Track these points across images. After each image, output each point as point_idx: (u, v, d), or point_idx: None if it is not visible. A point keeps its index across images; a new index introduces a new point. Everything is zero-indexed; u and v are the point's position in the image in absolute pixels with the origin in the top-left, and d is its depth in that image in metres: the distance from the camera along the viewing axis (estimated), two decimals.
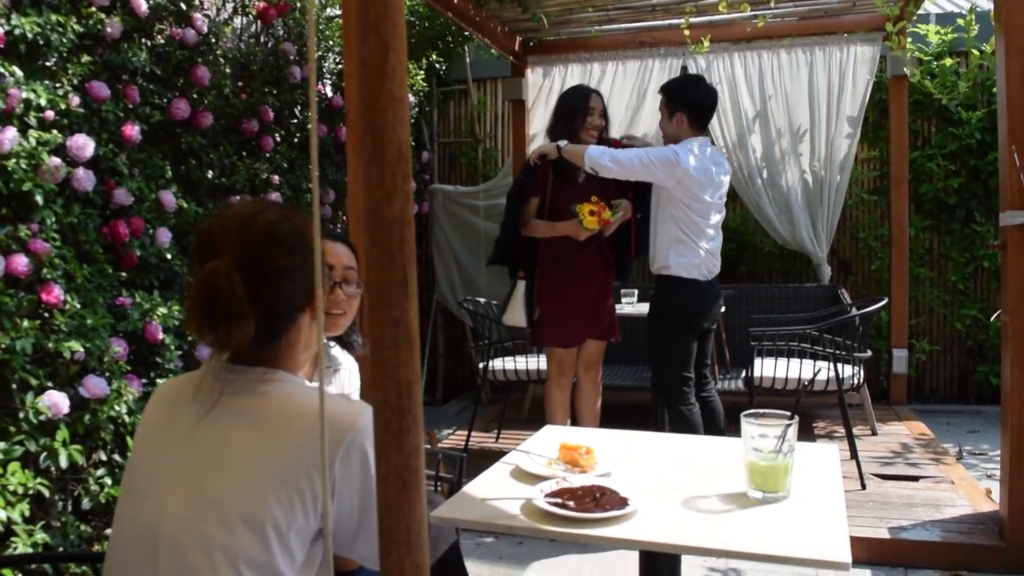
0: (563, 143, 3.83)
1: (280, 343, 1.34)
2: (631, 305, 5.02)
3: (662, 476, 1.83)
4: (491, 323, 4.85)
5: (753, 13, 5.22)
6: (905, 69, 5.16)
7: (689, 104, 3.74)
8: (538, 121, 6.32)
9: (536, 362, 4.76)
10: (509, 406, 5.27)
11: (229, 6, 4.57)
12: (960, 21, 5.53)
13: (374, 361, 0.97)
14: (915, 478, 4.15)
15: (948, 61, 6.01)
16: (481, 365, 4.82)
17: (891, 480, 4.13)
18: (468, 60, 6.85)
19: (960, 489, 3.96)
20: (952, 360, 6.39)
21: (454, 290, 6.62)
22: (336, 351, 2.14)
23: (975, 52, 5.39)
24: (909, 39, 5.40)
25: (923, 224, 6.25)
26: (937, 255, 6.32)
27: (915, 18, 5.54)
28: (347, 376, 2.13)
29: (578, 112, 3.89)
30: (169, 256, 3.67)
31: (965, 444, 5.22)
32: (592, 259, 3.97)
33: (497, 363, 4.84)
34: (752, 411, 1.70)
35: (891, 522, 3.54)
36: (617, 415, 4.24)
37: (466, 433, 4.79)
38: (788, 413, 1.67)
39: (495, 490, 1.74)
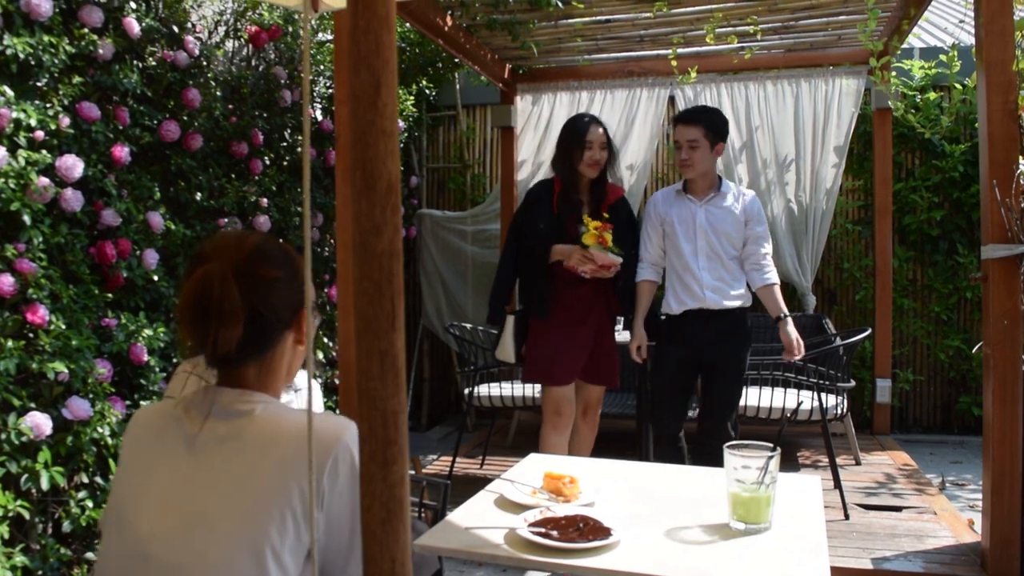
0: (786, 319, 3.69)
1: (263, 362, 1.37)
2: (618, 333, 5.03)
3: (645, 506, 1.84)
4: (477, 349, 4.86)
5: (740, 45, 5.29)
6: (889, 103, 5.23)
7: (725, 134, 3.75)
8: (526, 148, 6.37)
9: (522, 388, 4.76)
10: (494, 432, 5.26)
11: (221, 29, 4.61)
12: (943, 57, 5.62)
13: (360, 392, 0.98)
14: (898, 508, 4.17)
15: (932, 95, 6.10)
16: (467, 391, 4.82)
17: (874, 510, 4.14)
18: (458, 86, 6.91)
19: (943, 520, 3.98)
20: (935, 390, 6.43)
21: (440, 315, 6.62)
22: (297, 375, 2.14)
23: (958, 87, 5.48)
24: (893, 73, 5.48)
25: (907, 255, 6.31)
26: (921, 286, 6.37)
27: (899, 52, 5.63)
28: (305, 397, 2.13)
29: (575, 146, 3.73)
30: (156, 278, 3.67)
31: (948, 474, 5.24)
32: (589, 297, 3.80)
33: (483, 389, 4.84)
34: (735, 442, 1.71)
35: (874, 553, 3.55)
36: (601, 442, 4.23)
37: (451, 459, 4.78)
38: (770, 445, 1.68)
39: (479, 519, 1.74)
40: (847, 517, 3.97)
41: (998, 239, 3.33)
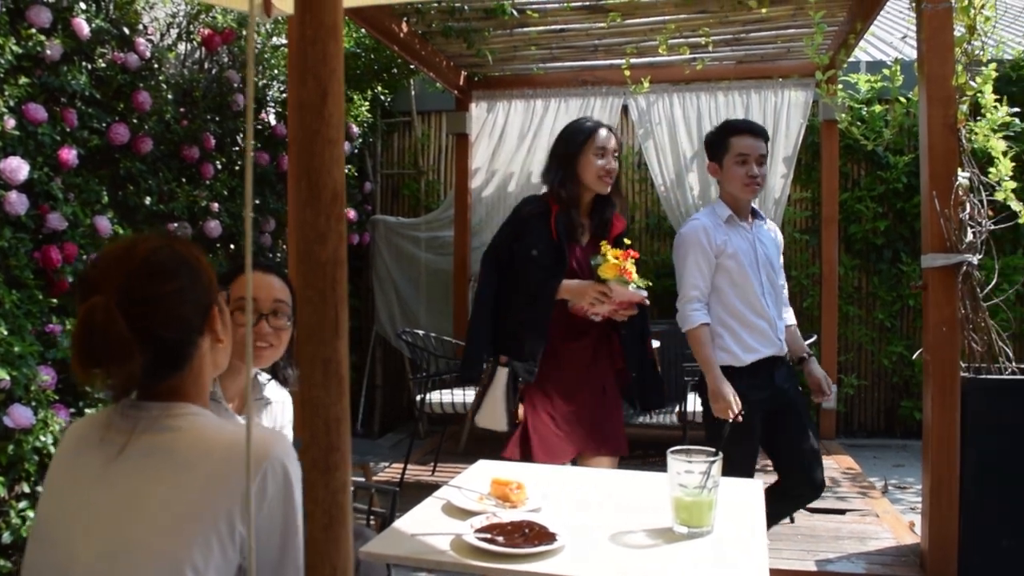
0: (811, 358, 3.27)
1: (185, 372, 1.30)
2: None
3: (591, 511, 1.86)
4: (429, 355, 4.86)
5: (692, 56, 5.37)
6: (835, 115, 5.35)
7: None
8: (481, 155, 6.39)
9: (474, 395, 4.76)
10: (446, 439, 5.27)
11: (173, 32, 4.56)
12: (885, 71, 5.77)
13: (303, 399, 0.99)
14: (842, 511, 4.26)
15: (877, 108, 6.25)
16: (418, 398, 4.81)
17: (819, 514, 4.22)
18: (413, 93, 6.90)
19: (885, 522, 4.07)
20: (879, 395, 6.58)
21: (393, 321, 6.60)
22: (268, 387, 2.11)
23: (902, 100, 5.62)
24: (840, 86, 5.61)
25: (852, 263, 6.45)
26: (865, 294, 6.52)
27: (845, 66, 5.75)
28: (279, 410, 2.11)
29: (582, 153, 3.01)
30: None
31: (891, 478, 5.36)
32: (592, 350, 3.07)
33: (435, 396, 4.84)
34: (678, 447, 1.75)
35: (818, 555, 3.62)
36: None
37: (402, 466, 4.77)
38: (713, 449, 1.72)
39: (426, 525, 1.75)
40: (792, 520, 4.04)
41: (937, 248, 3.43)
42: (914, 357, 6.00)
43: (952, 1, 3.50)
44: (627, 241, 2.97)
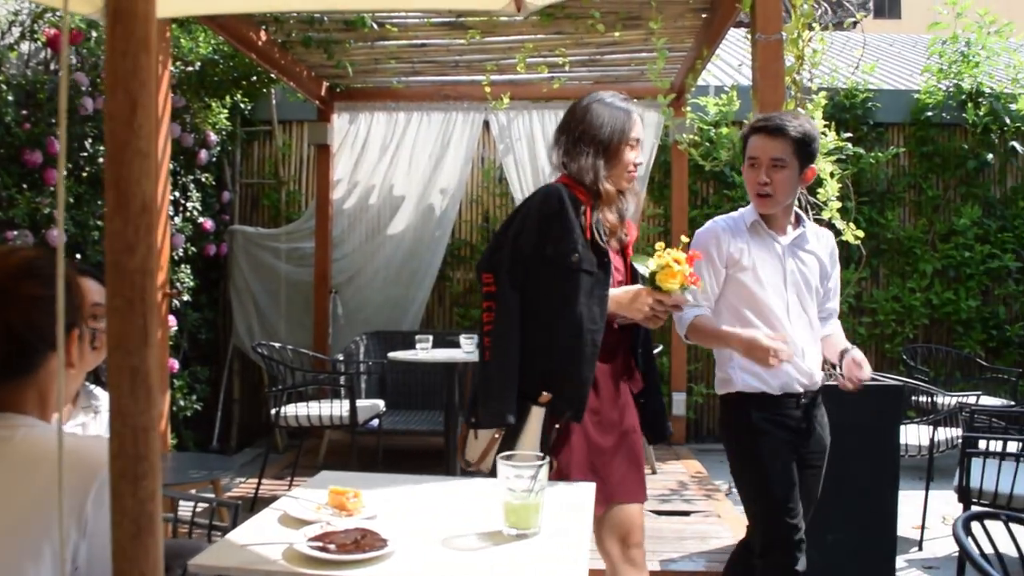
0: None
1: (29, 383, 1.31)
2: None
3: (427, 517, 1.90)
4: (286, 368, 4.80)
5: (550, 75, 5.53)
6: (675, 137, 5.63)
7: (815, 156, 2.70)
8: (343, 166, 6.37)
9: (331, 408, 4.73)
10: (304, 452, 5.20)
11: (16, 31, 4.36)
12: (724, 97, 6.11)
13: (111, 409, 1.00)
14: (687, 513, 4.46)
15: (725, 130, 6.59)
16: (274, 411, 4.74)
17: (665, 516, 4.41)
18: (274, 101, 6.80)
19: (726, 522, 4.29)
20: None
21: (252, 334, 6.46)
22: (99, 391, 2.07)
23: (745, 122, 5.97)
24: (688, 108, 5.90)
25: None
26: None
27: (694, 89, 6.04)
28: (108, 419, 2.07)
29: (611, 142, 2.46)
30: None
31: None
32: (621, 370, 2.54)
33: (290, 409, 4.77)
34: (508, 453, 1.82)
35: (662, 555, 3.78)
36: (411, 458, 4.28)
37: (256, 481, 4.69)
38: (541, 454, 1.80)
39: (260, 536, 1.75)
40: None
41: None
42: None
43: (783, 33, 3.76)
44: (684, 239, 2.54)
